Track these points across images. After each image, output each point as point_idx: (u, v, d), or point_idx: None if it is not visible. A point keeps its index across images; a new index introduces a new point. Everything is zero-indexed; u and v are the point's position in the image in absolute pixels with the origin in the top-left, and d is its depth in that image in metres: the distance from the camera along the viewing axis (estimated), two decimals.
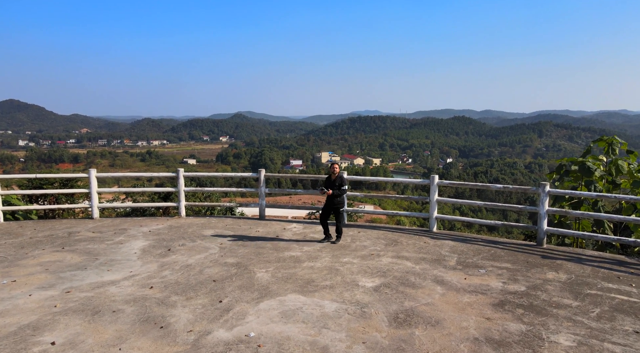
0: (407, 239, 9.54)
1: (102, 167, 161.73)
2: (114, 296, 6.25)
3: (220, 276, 7.10)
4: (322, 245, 9.04)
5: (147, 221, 11.25)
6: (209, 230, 10.32)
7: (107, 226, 10.72)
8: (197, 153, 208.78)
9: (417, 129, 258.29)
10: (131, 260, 7.94)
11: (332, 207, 9.31)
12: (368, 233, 10.07)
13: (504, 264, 7.82)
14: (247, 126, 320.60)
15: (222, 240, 9.46)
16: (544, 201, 8.81)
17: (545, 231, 8.93)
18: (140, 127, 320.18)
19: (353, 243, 9.20)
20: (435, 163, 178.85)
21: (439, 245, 9.05)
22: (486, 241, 9.41)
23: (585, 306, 5.98)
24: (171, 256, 8.23)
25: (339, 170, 9.54)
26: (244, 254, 8.39)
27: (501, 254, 8.46)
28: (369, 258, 8.13)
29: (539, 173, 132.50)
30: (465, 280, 7.01)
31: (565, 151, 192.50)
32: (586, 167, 10.42)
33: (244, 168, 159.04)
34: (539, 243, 9.00)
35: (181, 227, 10.63)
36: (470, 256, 8.31)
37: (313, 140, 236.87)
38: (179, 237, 9.64)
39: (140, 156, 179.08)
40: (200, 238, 9.60)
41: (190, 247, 8.85)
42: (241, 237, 9.68)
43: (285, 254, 8.41)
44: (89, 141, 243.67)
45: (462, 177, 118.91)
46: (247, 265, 7.70)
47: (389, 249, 8.77)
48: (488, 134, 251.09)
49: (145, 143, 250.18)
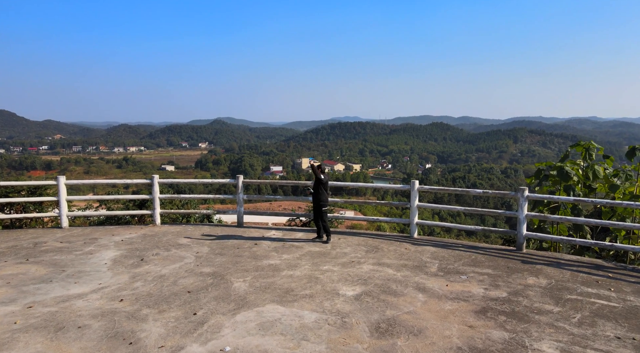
0: (387, 245, 9.42)
1: (76, 174, 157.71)
2: (81, 310, 5.91)
3: (196, 287, 6.82)
4: (302, 253, 8.83)
5: (120, 230, 10.84)
6: (185, 239, 9.99)
7: (77, 235, 10.28)
8: (176, 159, 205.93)
9: (396, 135, 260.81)
10: (101, 271, 7.58)
11: (314, 207, 9.73)
12: (348, 240, 9.91)
13: (485, 270, 7.75)
14: (227, 132, 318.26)
15: (198, 248, 9.15)
16: (523, 206, 8.81)
17: (524, 235, 8.92)
18: (116, 133, 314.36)
19: (333, 250, 9.02)
20: (414, 168, 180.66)
21: (420, 251, 8.95)
22: (467, 247, 9.35)
23: (566, 311, 5.93)
24: (144, 266, 7.90)
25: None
26: (220, 263, 8.11)
27: (482, 259, 8.40)
28: (349, 266, 7.95)
29: (514, 177, 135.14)
30: (447, 286, 6.89)
31: (539, 156, 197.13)
32: (564, 172, 10.51)
33: (223, 174, 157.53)
34: (519, 247, 8.99)
35: (156, 236, 10.27)
36: (452, 262, 8.23)
37: (293, 146, 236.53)
38: (153, 246, 9.29)
39: (117, 163, 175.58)
40: (176, 246, 9.27)
41: (164, 256, 8.52)
42: (218, 245, 9.40)
43: (264, 262, 8.17)
44: (63, 147, 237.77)
45: (441, 182, 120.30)
46: (224, 275, 7.43)
47: (369, 256, 8.62)
48: (465, 140, 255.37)
49: (122, 149, 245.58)
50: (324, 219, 9.71)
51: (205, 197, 11.54)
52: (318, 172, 9.57)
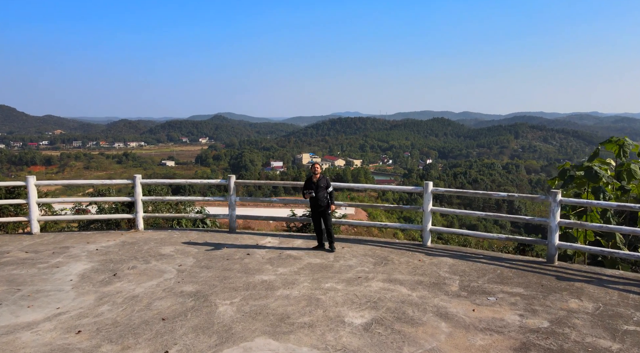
0: (398, 256, 8.26)
1: (76, 169, 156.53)
2: (25, 347, 4.77)
3: (172, 312, 5.68)
4: (301, 266, 7.68)
5: (97, 237, 9.69)
6: (168, 247, 8.84)
7: (47, 243, 9.13)
8: (176, 154, 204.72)
9: (397, 131, 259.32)
10: (63, 291, 6.43)
11: (318, 211, 8.60)
12: (353, 249, 8.75)
13: (516, 288, 6.60)
14: (227, 128, 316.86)
15: (182, 259, 8.01)
16: (555, 212, 7.65)
17: (556, 246, 7.76)
18: (116, 128, 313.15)
19: (336, 262, 7.87)
20: (415, 164, 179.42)
21: (436, 264, 7.80)
22: (489, 258, 8.20)
23: (628, 349, 4.78)
24: (115, 283, 6.75)
25: (321, 170, 8.54)
26: (205, 279, 6.97)
27: (509, 275, 7.25)
28: (355, 283, 6.81)
29: (516, 173, 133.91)
30: (473, 312, 5.75)
31: (541, 152, 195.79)
32: (593, 172, 9.34)
33: (224, 170, 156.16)
34: (550, 260, 7.83)
35: (136, 243, 9.12)
36: (475, 278, 7.08)
37: (294, 141, 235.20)
38: (131, 257, 8.14)
39: (117, 158, 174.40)
40: (156, 257, 8.13)
41: (141, 270, 7.37)
42: (205, 256, 8.25)
43: (256, 278, 7.03)
44: (63, 142, 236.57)
45: (442, 178, 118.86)
46: (208, 295, 6.29)
47: (378, 270, 7.47)
48: (466, 135, 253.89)
49: (122, 145, 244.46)
50: (328, 224, 8.63)
51: (192, 199, 10.37)
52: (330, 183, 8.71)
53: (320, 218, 8.68)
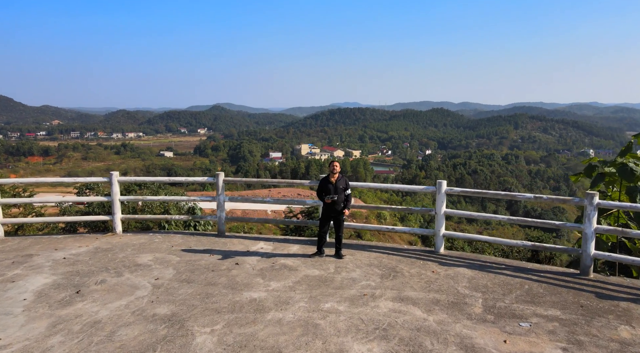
0: (408, 266, 7.23)
1: (74, 160, 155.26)
2: None
3: (139, 346, 4.65)
4: (297, 279, 6.64)
5: (68, 242, 8.64)
6: (147, 255, 7.80)
7: (9, 250, 8.07)
8: (175, 145, 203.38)
9: (396, 121, 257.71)
10: (11, 315, 5.39)
11: (332, 215, 7.55)
12: (357, 257, 7.71)
13: (551, 310, 5.57)
14: (226, 118, 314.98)
15: (160, 271, 6.96)
16: (592, 217, 6.60)
17: (592, 256, 6.73)
18: (114, 119, 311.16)
19: (338, 275, 6.84)
20: (414, 154, 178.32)
21: (453, 277, 6.77)
22: (512, 269, 7.16)
23: None
24: (77, 304, 5.71)
25: (340, 169, 7.55)
26: (185, 297, 5.93)
27: (539, 291, 6.22)
28: (360, 303, 5.78)
29: (515, 164, 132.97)
30: (505, 344, 4.72)
31: (540, 142, 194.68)
32: (628, 169, 8.26)
33: (222, 161, 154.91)
34: (584, 272, 6.80)
35: (111, 250, 8.07)
36: (499, 295, 6.05)
37: (293, 132, 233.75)
38: (102, 268, 7.09)
39: (115, 149, 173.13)
40: (131, 268, 7.08)
41: (111, 286, 6.33)
42: (187, 266, 7.21)
43: (244, 296, 5.99)
44: (61, 133, 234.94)
45: (442, 169, 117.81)
46: (185, 320, 5.26)
47: (386, 284, 6.43)
48: (466, 126, 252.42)
49: (120, 135, 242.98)
50: (341, 229, 7.64)
51: (177, 199, 9.28)
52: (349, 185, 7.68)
53: (330, 223, 7.64)
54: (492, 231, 52.48)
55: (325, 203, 7.40)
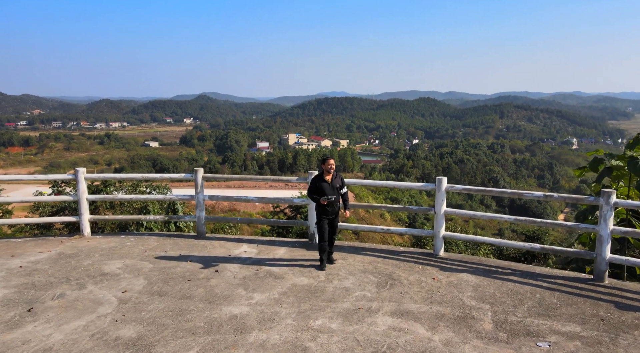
0: (406, 272, 6.56)
1: (56, 151, 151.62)
2: None
3: None
4: (283, 289, 5.92)
5: (29, 247, 7.78)
6: (116, 262, 7.00)
7: None
8: (160, 135, 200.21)
9: (383, 111, 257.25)
10: None
11: (330, 218, 6.76)
12: (349, 262, 7.02)
13: (569, 325, 4.95)
14: (212, 108, 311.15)
15: (129, 281, 6.19)
16: (608, 218, 6.00)
17: (608, 261, 6.14)
18: (98, 108, 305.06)
19: (329, 284, 6.14)
20: (401, 144, 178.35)
21: (456, 284, 6.12)
22: (519, 275, 6.54)
23: None
24: (27, 325, 4.92)
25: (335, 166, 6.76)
26: (155, 315, 5.18)
27: (553, 301, 5.60)
28: (355, 318, 5.09)
29: (501, 153, 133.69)
30: None
31: (525, 132, 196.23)
32: (639, 163, 7.69)
33: (209, 151, 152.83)
34: (599, 278, 6.21)
35: (76, 256, 7.26)
36: (510, 307, 5.41)
37: (280, 122, 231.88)
38: (62, 278, 6.29)
39: (99, 139, 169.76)
40: (96, 278, 6.29)
41: (70, 301, 5.54)
42: (161, 275, 6.45)
43: (223, 312, 5.27)
44: (42, 123, 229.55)
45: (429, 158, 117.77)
46: (153, 344, 4.52)
47: (383, 295, 5.76)
48: (452, 115, 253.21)
49: (103, 125, 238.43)
50: (336, 232, 6.94)
51: (151, 198, 8.46)
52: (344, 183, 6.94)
53: (332, 227, 6.83)
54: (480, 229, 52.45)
55: (320, 205, 6.62)
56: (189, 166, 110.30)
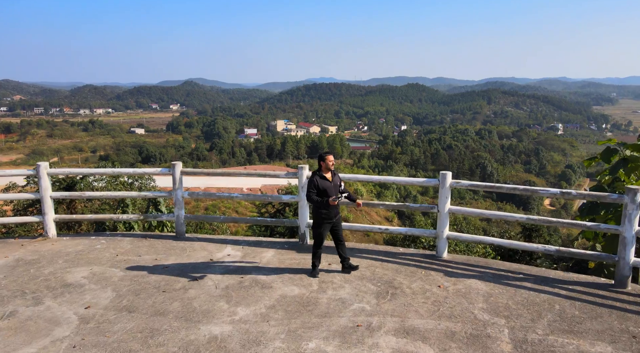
0: (408, 279, 5.90)
1: (39, 138, 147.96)
2: None
3: None
4: (271, 302, 5.22)
5: None
6: (82, 269, 6.22)
7: None
8: (146, 122, 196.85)
9: (372, 97, 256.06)
10: None
11: (332, 220, 5.99)
12: None
13: (599, 345, 4.33)
14: (199, 94, 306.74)
15: (94, 294, 5.42)
16: (633, 217, 5.38)
17: (632, 265, 5.54)
18: (81, 94, 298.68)
19: (322, 294, 5.45)
20: (390, 130, 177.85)
21: (464, 293, 5.47)
22: (532, 281, 5.91)
23: None
24: None
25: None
26: (121, 337, 4.44)
27: (574, 312, 4.99)
28: (354, 339, 4.42)
29: (489, 139, 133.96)
30: None
31: (512, 117, 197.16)
32: None
33: (196, 137, 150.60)
34: (621, 283, 5.62)
35: (36, 263, 6.45)
36: (528, 321, 4.78)
37: (268, 108, 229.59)
38: (17, 291, 5.49)
39: (83, 126, 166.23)
40: (56, 291, 5.51)
41: (21, 321, 4.77)
42: (132, 285, 5.69)
43: (201, 332, 4.55)
44: (23, 109, 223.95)
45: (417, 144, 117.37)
46: None
47: (385, 307, 5.09)
48: (440, 101, 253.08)
49: (87, 112, 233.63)
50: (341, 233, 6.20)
51: (126, 195, 7.63)
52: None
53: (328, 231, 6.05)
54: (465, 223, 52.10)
55: (323, 206, 5.80)
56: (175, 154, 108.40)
